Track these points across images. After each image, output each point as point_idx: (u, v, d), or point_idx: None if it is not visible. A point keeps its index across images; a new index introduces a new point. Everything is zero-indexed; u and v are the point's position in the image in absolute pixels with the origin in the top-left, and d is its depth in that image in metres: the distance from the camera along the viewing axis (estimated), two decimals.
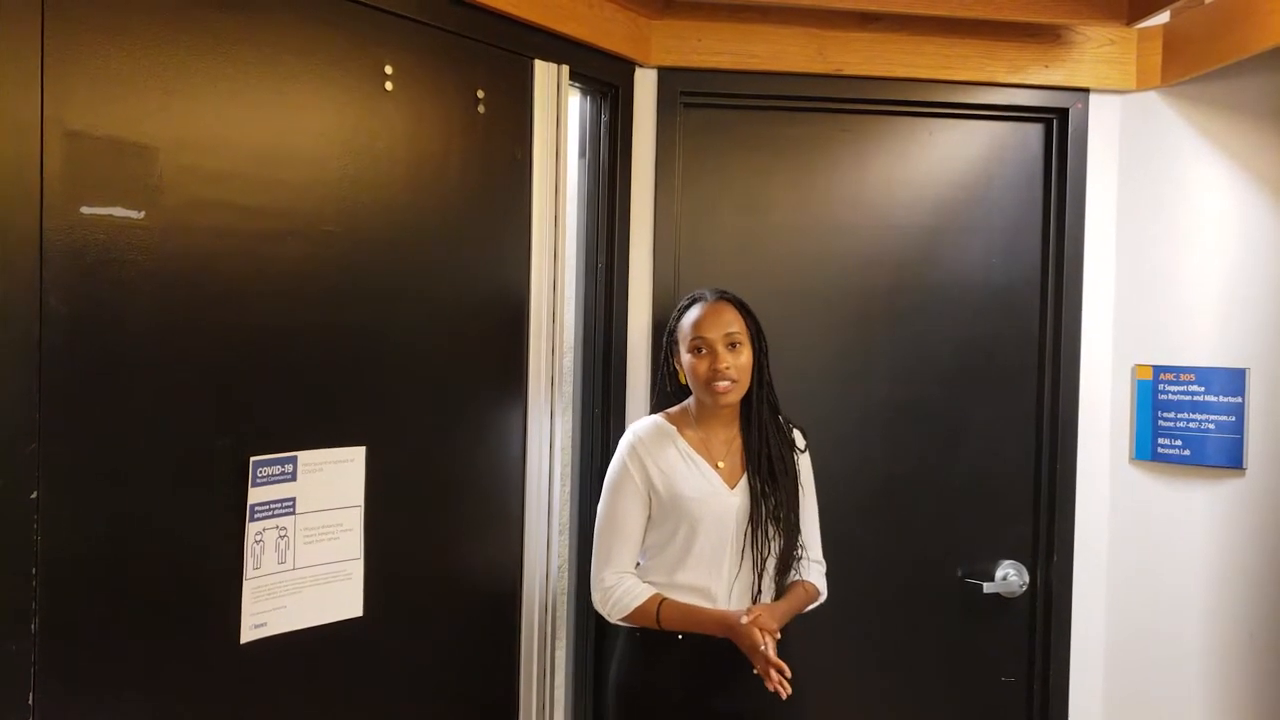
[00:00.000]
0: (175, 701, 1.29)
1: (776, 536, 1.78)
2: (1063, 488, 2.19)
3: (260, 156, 1.37)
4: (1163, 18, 2.05)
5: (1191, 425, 2.06)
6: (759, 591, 1.78)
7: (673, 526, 1.76)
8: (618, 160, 2.02)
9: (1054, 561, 2.18)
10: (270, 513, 1.37)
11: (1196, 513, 2.08)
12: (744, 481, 1.79)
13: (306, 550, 1.42)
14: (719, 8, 2.02)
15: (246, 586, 1.34)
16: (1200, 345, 2.07)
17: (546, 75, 1.80)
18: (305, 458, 1.41)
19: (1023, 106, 2.17)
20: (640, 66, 2.05)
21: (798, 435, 1.88)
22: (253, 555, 1.35)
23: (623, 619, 1.74)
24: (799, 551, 1.81)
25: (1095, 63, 2.13)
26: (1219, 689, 2.07)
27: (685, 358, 1.78)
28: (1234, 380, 2.02)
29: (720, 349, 1.74)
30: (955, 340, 2.20)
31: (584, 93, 2.00)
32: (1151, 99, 2.13)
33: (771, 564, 1.79)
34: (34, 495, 1.14)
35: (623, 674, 1.79)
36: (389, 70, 1.52)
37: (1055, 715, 2.20)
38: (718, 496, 1.77)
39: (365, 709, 1.54)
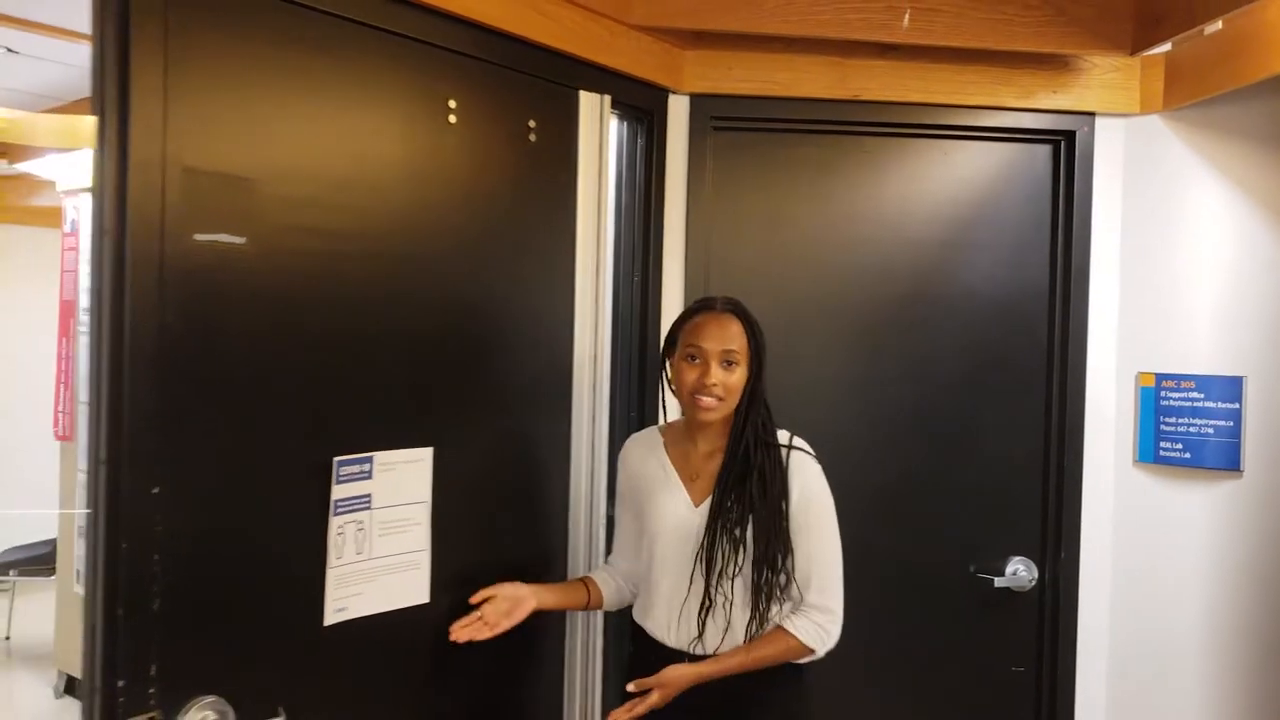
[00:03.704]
0: (270, 675, 1.44)
1: (734, 556, 1.63)
2: (1069, 488, 2.32)
3: (340, 185, 1.52)
4: (1165, 47, 2.18)
5: (1192, 430, 2.19)
6: (704, 618, 1.64)
7: (646, 540, 1.75)
8: (652, 180, 2.16)
9: (1061, 557, 2.31)
10: (350, 508, 1.52)
11: (1196, 512, 2.21)
12: (711, 498, 1.68)
13: (381, 542, 1.57)
14: (747, 38, 2.16)
15: (330, 574, 1.49)
16: (1200, 354, 2.21)
17: (590, 105, 1.95)
18: (380, 458, 1.56)
19: (1031, 129, 2.31)
20: (673, 93, 2.19)
21: (807, 461, 1.70)
22: (335, 546, 1.50)
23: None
24: (778, 582, 1.64)
25: (1101, 88, 2.26)
26: (1218, 677, 2.20)
27: (678, 363, 1.70)
28: (1232, 387, 2.15)
29: (714, 363, 1.65)
30: (967, 349, 2.33)
31: (621, 118, 2.14)
32: (1154, 122, 2.26)
33: (731, 586, 1.64)
34: (155, 490, 1.29)
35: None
36: (452, 104, 1.67)
37: (1063, 703, 2.33)
38: (678, 514, 1.71)
39: (432, 686, 1.69)
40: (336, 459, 1.49)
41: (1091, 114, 2.29)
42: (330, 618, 1.50)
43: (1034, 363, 2.36)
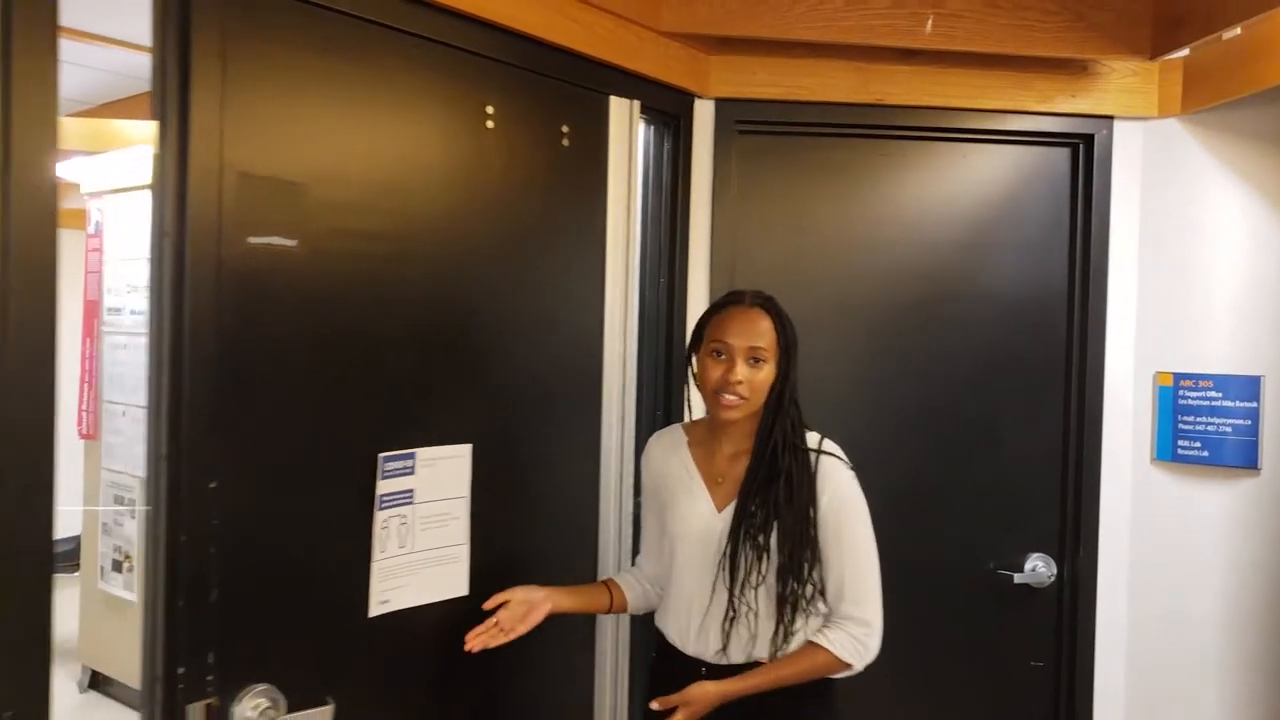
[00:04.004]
0: (319, 665, 1.48)
1: (758, 564, 1.58)
2: (1088, 486, 2.35)
3: (385, 189, 1.56)
4: (1183, 51, 2.22)
5: (1210, 428, 2.22)
6: (728, 629, 1.60)
7: (668, 543, 1.72)
8: (678, 183, 2.21)
9: (1080, 554, 2.35)
10: (394, 502, 1.56)
11: (1214, 509, 2.25)
12: (735, 503, 1.63)
13: (423, 535, 1.61)
14: (771, 44, 2.20)
15: (374, 567, 1.54)
16: (1218, 354, 2.24)
17: (620, 110, 1.99)
18: (422, 454, 1.60)
19: (1051, 132, 2.34)
20: (699, 98, 2.23)
21: (837, 467, 1.64)
22: (380, 540, 1.54)
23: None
24: (805, 594, 1.59)
25: (1119, 92, 2.30)
26: (1236, 673, 2.23)
27: (702, 359, 1.65)
28: (1249, 387, 2.19)
29: (739, 360, 1.59)
30: (986, 348, 2.37)
31: (649, 122, 2.19)
32: (1172, 125, 2.30)
33: (755, 596, 1.59)
34: (213, 485, 1.33)
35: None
36: (490, 110, 1.72)
37: (1081, 697, 2.36)
38: (701, 518, 1.66)
39: (470, 677, 1.73)
40: (381, 455, 1.53)
41: (1110, 117, 2.32)
42: (375, 609, 1.54)
43: (1052, 362, 2.39)
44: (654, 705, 1.61)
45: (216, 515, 1.34)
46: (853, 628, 1.60)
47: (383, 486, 1.54)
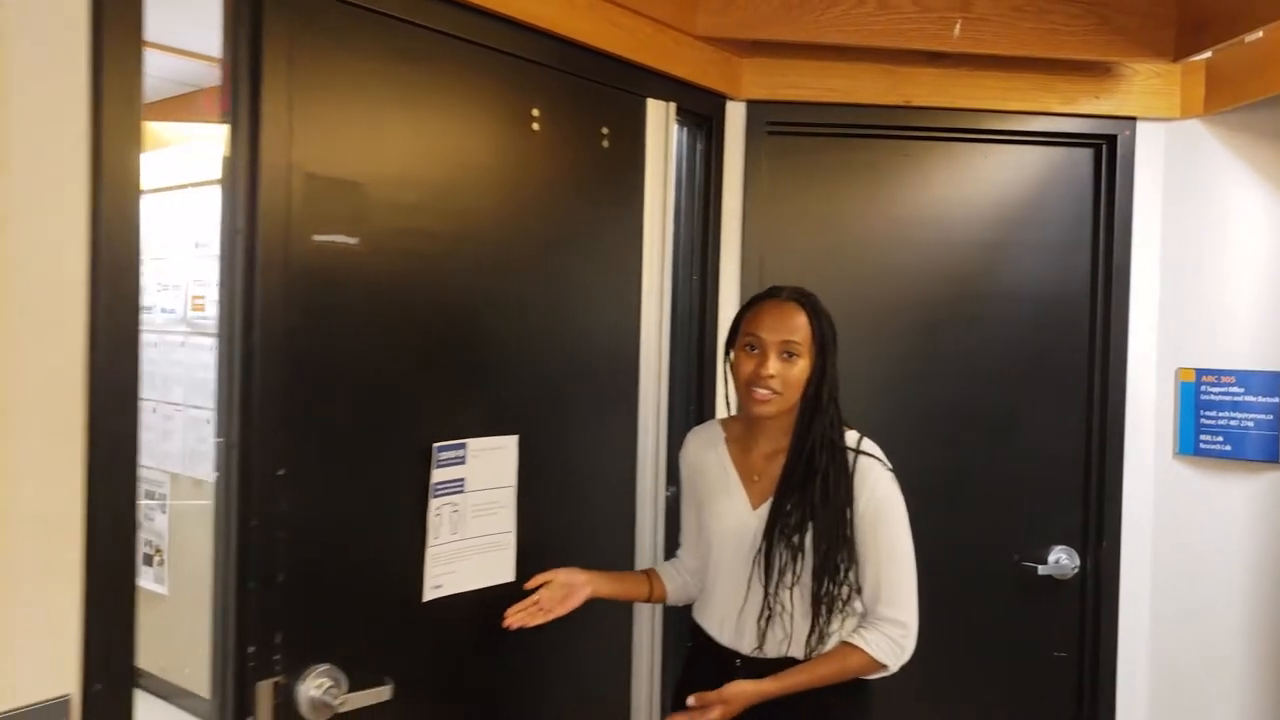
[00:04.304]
0: (377, 647, 1.54)
1: (792, 564, 1.58)
2: (1111, 479, 2.40)
3: (439, 189, 1.62)
4: (1206, 54, 2.26)
5: (1232, 423, 2.27)
6: (763, 627, 1.61)
7: (704, 538, 1.74)
8: (710, 183, 2.26)
9: (1103, 546, 2.39)
10: (447, 491, 1.62)
11: (1236, 502, 2.29)
12: (771, 502, 1.64)
13: (473, 523, 1.67)
14: (801, 47, 2.25)
15: (428, 553, 1.59)
16: (1240, 350, 2.29)
17: (657, 112, 2.05)
18: (473, 444, 1.66)
19: (1074, 133, 2.39)
20: (731, 99, 2.28)
21: (875, 467, 1.64)
22: (434, 527, 1.60)
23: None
24: (841, 595, 1.59)
25: (1142, 94, 2.35)
26: (1259, 665, 2.28)
27: (737, 353, 1.66)
28: (1271, 382, 2.23)
29: (772, 354, 1.60)
30: (1010, 345, 2.42)
31: (682, 124, 2.24)
32: (1195, 126, 2.34)
33: (790, 596, 1.60)
34: (281, 472, 1.39)
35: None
36: (535, 113, 1.77)
37: (1104, 688, 2.41)
38: (737, 515, 1.67)
39: (515, 661, 1.79)
40: (436, 445, 1.59)
41: (1133, 118, 2.37)
42: (428, 594, 1.60)
43: (1076, 359, 2.44)
44: (691, 700, 1.60)
45: (284, 501, 1.40)
46: (889, 629, 1.61)
47: (436, 475, 1.59)
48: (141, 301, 1.22)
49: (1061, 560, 2.41)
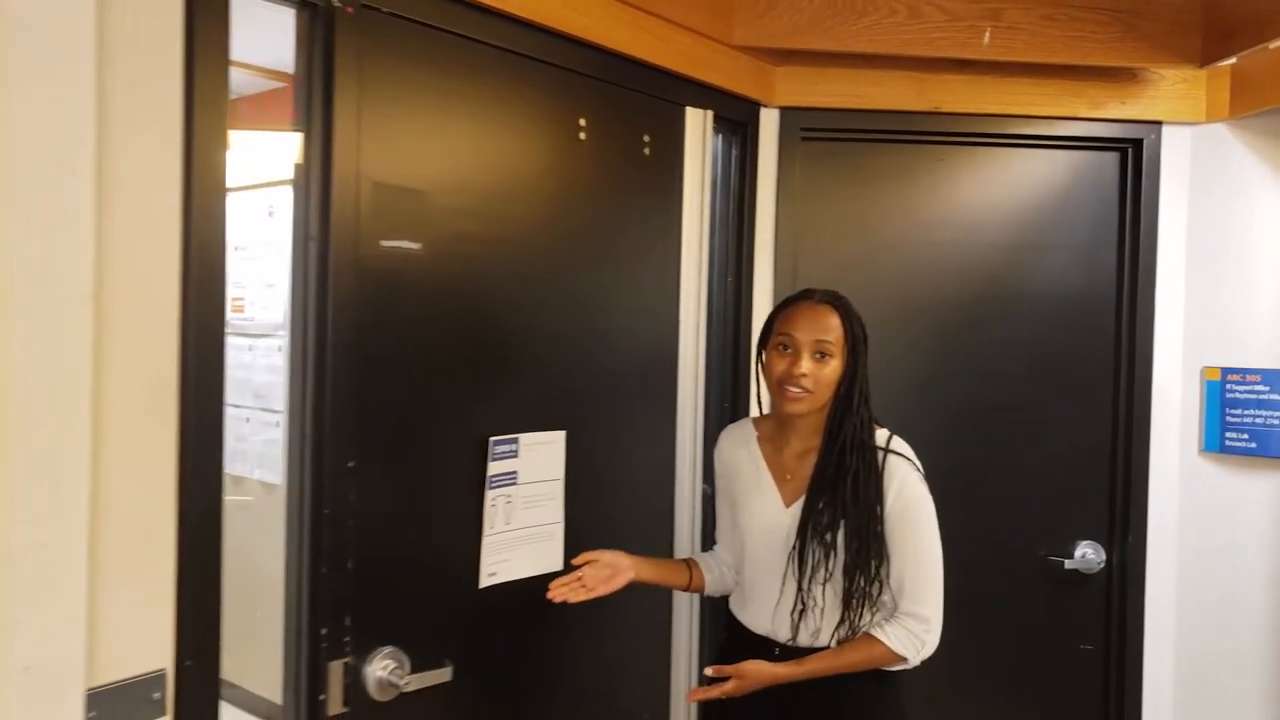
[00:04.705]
0: (437, 631, 1.63)
1: (824, 560, 1.63)
2: (1136, 476, 2.45)
3: (494, 196, 1.70)
4: (1231, 59, 2.31)
5: (1257, 421, 2.32)
6: (797, 621, 1.66)
7: (738, 535, 1.79)
8: (745, 188, 2.33)
9: (1129, 541, 2.45)
10: (501, 483, 1.70)
11: (1261, 497, 2.34)
12: (803, 501, 1.68)
13: (524, 514, 1.75)
14: (833, 56, 2.32)
15: (485, 542, 1.68)
16: (1265, 349, 2.33)
17: (695, 120, 2.12)
18: (525, 439, 1.74)
19: (1101, 137, 2.44)
20: (765, 107, 2.35)
21: (904, 466, 1.67)
22: (489, 517, 1.68)
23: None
24: (870, 590, 1.64)
25: (1169, 98, 2.40)
26: None
27: (769, 353, 1.70)
28: None
29: (805, 353, 1.64)
30: (1038, 345, 2.48)
31: (718, 130, 2.31)
32: (1220, 130, 2.39)
33: (823, 591, 1.65)
34: (351, 464, 1.48)
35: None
36: (582, 123, 1.85)
37: (1130, 680, 2.46)
38: (769, 514, 1.72)
39: (562, 645, 1.87)
40: (491, 439, 1.68)
41: (1159, 123, 2.42)
42: (484, 581, 1.68)
43: (1102, 358, 2.49)
44: (709, 671, 1.70)
45: (354, 491, 1.48)
46: (911, 623, 1.65)
47: (492, 468, 1.68)
48: (226, 304, 1.31)
49: (1087, 555, 2.47)
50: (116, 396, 1.19)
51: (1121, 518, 2.46)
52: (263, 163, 2.70)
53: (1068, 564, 2.46)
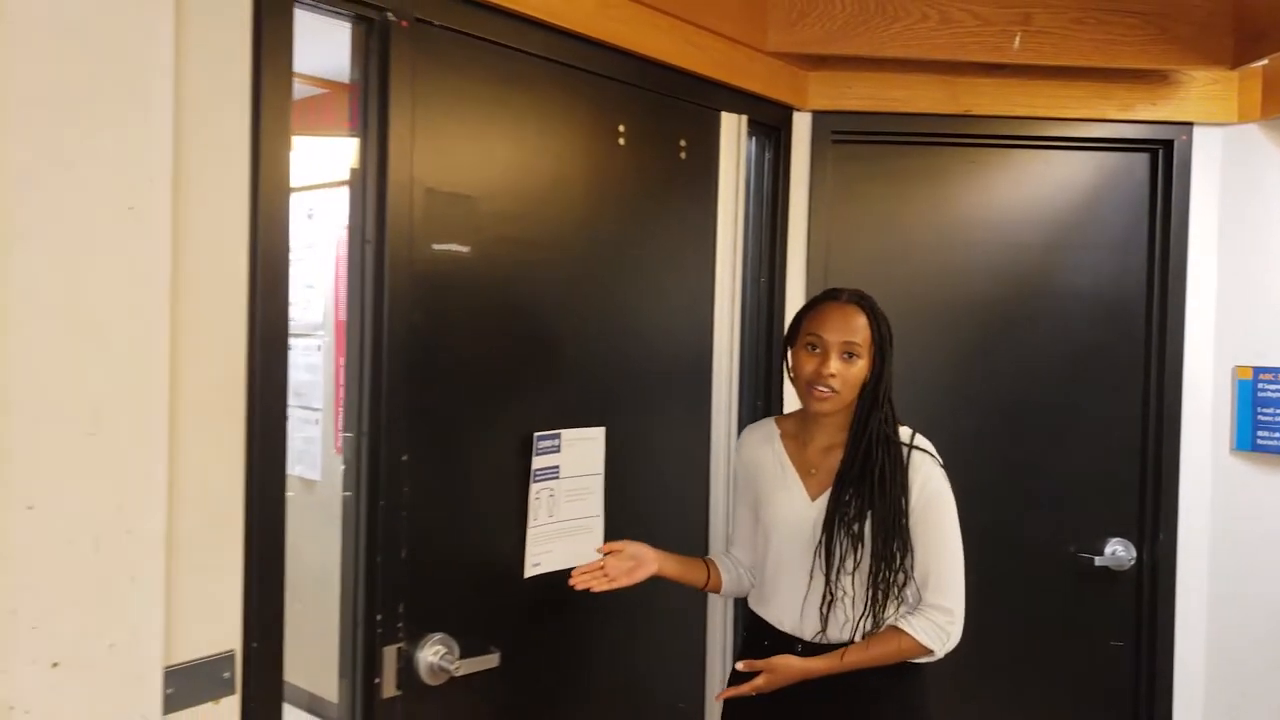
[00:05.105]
0: (484, 619, 1.69)
1: (852, 551, 1.66)
2: (1167, 474, 2.47)
3: (538, 201, 1.77)
4: (1263, 61, 2.33)
5: None
6: (826, 613, 1.69)
7: (762, 531, 1.81)
8: (778, 190, 2.38)
9: (1159, 539, 2.47)
10: (545, 477, 1.76)
11: None
12: (828, 494, 1.71)
13: (566, 506, 1.81)
14: (865, 60, 2.36)
15: (529, 534, 1.74)
16: None
17: (730, 125, 2.17)
18: (566, 434, 1.80)
19: (1131, 139, 2.47)
20: (798, 110, 2.40)
21: (928, 461, 1.72)
22: (533, 509, 1.74)
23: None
24: (895, 581, 1.67)
25: (1199, 99, 2.42)
26: None
27: (797, 352, 1.74)
28: None
29: (833, 354, 1.67)
30: (1068, 344, 2.50)
31: (751, 134, 2.36)
32: (1252, 131, 2.41)
33: (851, 582, 1.68)
34: (404, 457, 1.55)
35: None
36: (621, 129, 1.91)
37: (1161, 677, 2.48)
38: (795, 507, 1.74)
39: (602, 636, 1.94)
40: (536, 434, 1.74)
41: (1189, 124, 2.44)
42: (528, 571, 1.75)
43: (1132, 357, 2.51)
44: (739, 665, 1.74)
45: (407, 484, 1.55)
46: (936, 615, 1.68)
47: (536, 462, 1.74)
48: (289, 306, 1.38)
49: (1118, 552, 2.49)
50: (190, 395, 1.26)
51: (1152, 515, 2.49)
52: (303, 167, 2.77)
53: (1098, 561, 2.48)
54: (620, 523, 1.92)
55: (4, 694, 1.06)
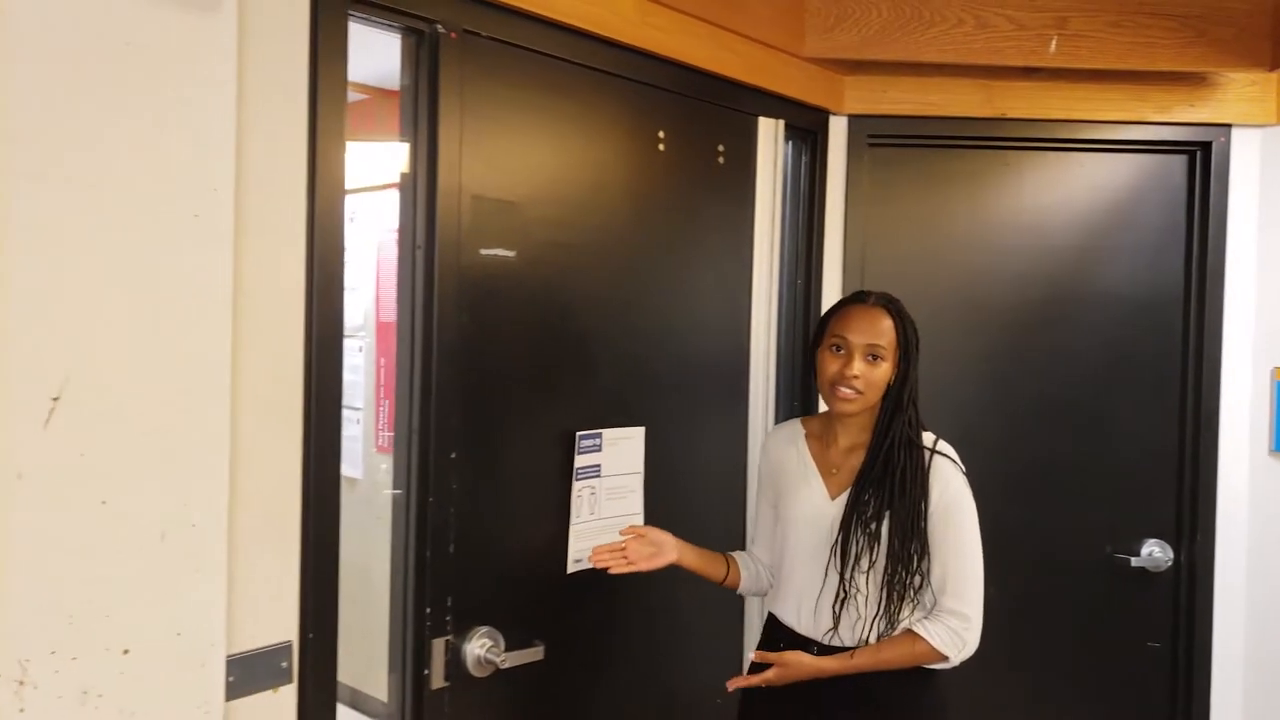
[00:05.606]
0: (528, 613, 1.74)
1: (868, 549, 1.66)
2: (1204, 475, 2.46)
3: (580, 207, 1.81)
4: None
5: None
6: (838, 611, 1.69)
7: (781, 528, 1.82)
8: (814, 193, 2.40)
9: (1197, 540, 2.46)
10: (586, 475, 1.80)
11: None
12: (848, 493, 1.72)
13: (607, 504, 1.85)
14: (901, 65, 2.38)
15: (571, 530, 1.78)
16: None
17: (767, 129, 2.20)
18: (608, 434, 1.84)
19: (1168, 141, 2.47)
20: (834, 115, 2.42)
21: (949, 466, 1.71)
22: (576, 507, 1.78)
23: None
24: (911, 583, 1.67)
25: (1237, 101, 2.41)
26: None
27: (822, 353, 1.74)
28: None
29: (857, 355, 1.68)
30: (1105, 345, 2.50)
31: (788, 138, 2.39)
32: None
33: (865, 580, 1.67)
34: (453, 455, 1.59)
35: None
36: (661, 135, 1.95)
37: (1199, 678, 2.48)
38: (814, 505, 1.75)
39: (642, 631, 1.97)
40: (578, 433, 1.78)
41: (1228, 125, 2.44)
42: (571, 567, 1.79)
43: (1169, 359, 2.51)
44: (754, 656, 1.78)
45: (455, 481, 1.60)
46: (952, 621, 1.66)
47: (579, 460, 1.78)
48: (344, 308, 1.43)
49: (1155, 553, 2.49)
50: (250, 394, 1.31)
51: (1190, 516, 2.48)
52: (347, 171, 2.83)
53: (1135, 562, 2.48)
54: (659, 521, 1.95)
55: (81, 679, 1.12)
